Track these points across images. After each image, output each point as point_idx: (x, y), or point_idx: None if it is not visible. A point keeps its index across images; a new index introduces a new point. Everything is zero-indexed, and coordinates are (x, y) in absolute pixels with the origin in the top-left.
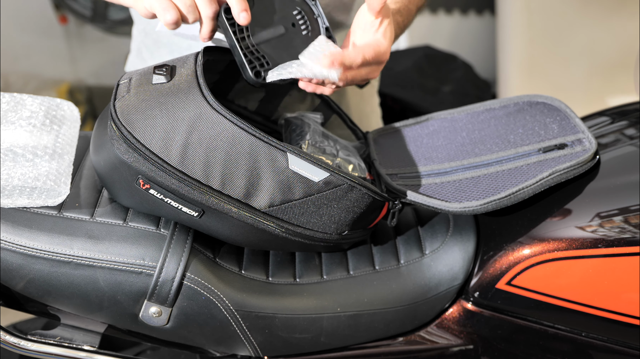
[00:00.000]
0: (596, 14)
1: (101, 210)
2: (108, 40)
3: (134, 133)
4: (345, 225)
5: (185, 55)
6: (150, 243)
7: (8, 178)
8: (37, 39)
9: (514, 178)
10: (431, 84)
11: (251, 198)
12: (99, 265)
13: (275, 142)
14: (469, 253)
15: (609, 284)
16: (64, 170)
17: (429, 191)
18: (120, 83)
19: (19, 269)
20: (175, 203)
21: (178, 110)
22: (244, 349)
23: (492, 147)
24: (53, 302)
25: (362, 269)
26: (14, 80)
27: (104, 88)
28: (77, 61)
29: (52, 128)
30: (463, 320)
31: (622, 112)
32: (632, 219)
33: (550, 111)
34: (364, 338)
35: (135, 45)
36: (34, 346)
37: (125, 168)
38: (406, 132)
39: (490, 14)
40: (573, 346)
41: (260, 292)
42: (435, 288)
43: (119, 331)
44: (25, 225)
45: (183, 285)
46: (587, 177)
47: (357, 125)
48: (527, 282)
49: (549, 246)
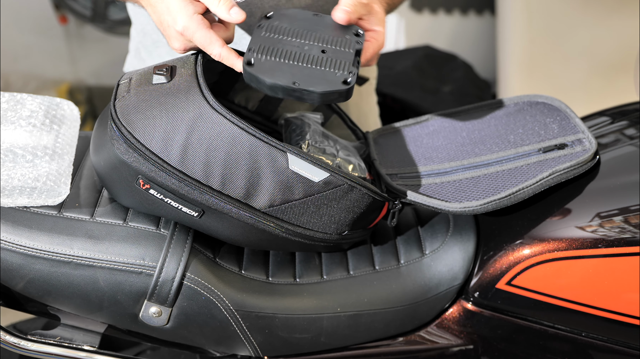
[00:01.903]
0: (596, 14)
1: (101, 210)
2: (108, 40)
3: (134, 133)
4: (345, 225)
5: (185, 56)
6: (150, 243)
7: (8, 178)
8: (37, 39)
9: (514, 178)
10: (431, 84)
11: (251, 198)
12: (99, 265)
13: (275, 142)
14: (469, 253)
15: (609, 284)
16: (64, 171)
17: (429, 192)
18: (121, 84)
19: (19, 269)
20: (175, 203)
21: (178, 110)
22: (244, 349)
23: (492, 147)
24: (53, 302)
25: (362, 269)
26: (14, 80)
27: (104, 88)
28: (77, 61)
29: (52, 128)
30: (463, 320)
31: (622, 112)
32: (632, 219)
33: (550, 111)
34: (364, 338)
35: (134, 46)
36: (34, 346)
37: (125, 168)
38: (406, 132)
39: (490, 14)
40: (573, 346)
41: (260, 292)
42: (435, 288)
43: (119, 331)
44: (25, 225)
45: (183, 285)
46: (587, 177)
47: (357, 125)
48: (527, 282)
49: (549, 246)
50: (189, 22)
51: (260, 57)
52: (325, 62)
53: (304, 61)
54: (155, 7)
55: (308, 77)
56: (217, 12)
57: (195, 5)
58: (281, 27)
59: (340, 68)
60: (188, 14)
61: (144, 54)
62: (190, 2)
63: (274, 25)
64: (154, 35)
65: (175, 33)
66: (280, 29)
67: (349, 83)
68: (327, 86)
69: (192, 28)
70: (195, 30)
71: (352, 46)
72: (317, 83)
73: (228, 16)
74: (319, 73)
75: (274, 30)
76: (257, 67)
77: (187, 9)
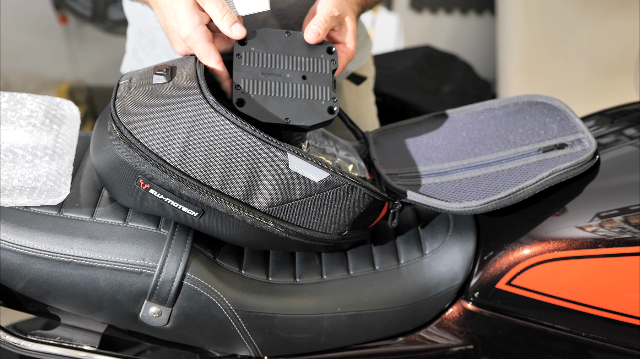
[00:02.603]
0: (596, 14)
1: (101, 210)
2: (108, 40)
3: (134, 133)
4: (345, 225)
5: (185, 56)
6: (150, 243)
7: (8, 179)
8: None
9: (513, 178)
10: (431, 84)
11: (251, 198)
12: (99, 265)
13: (275, 142)
14: (469, 253)
15: (609, 284)
16: (64, 171)
17: (429, 191)
18: (121, 84)
19: (19, 269)
20: (175, 203)
21: (178, 110)
22: (244, 349)
23: (492, 146)
24: (53, 302)
25: (362, 269)
26: (14, 80)
27: (104, 88)
28: (77, 61)
29: (52, 128)
30: (463, 320)
31: (622, 112)
32: (632, 219)
33: (550, 111)
34: (364, 338)
35: (131, 46)
36: (34, 346)
37: (125, 168)
38: (406, 132)
39: (490, 14)
40: (573, 346)
41: (260, 292)
42: (435, 288)
43: (119, 331)
44: (25, 225)
45: (183, 285)
46: (587, 177)
47: (356, 125)
48: (527, 282)
49: (549, 246)
50: (193, 32)
51: (249, 92)
52: (308, 91)
53: (289, 93)
54: (163, 10)
55: (297, 111)
56: (220, 26)
57: (202, 15)
58: (259, 56)
59: (323, 95)
60: (193, 25)
61: (141, 54)
62: (197, 12)
63: (251, 53)
64: (150, 35)
65: (178, 39)
66: (258, 57)
67: (334, 112)
68: (316, 118)
69: (194, 38)
70: (196, 41)
71: (327, 67)
72: (307, 117)
73: (229, 32)
74: (305, 105)
75: (254, 60)
76: (248, 107)
77: (193, 19)
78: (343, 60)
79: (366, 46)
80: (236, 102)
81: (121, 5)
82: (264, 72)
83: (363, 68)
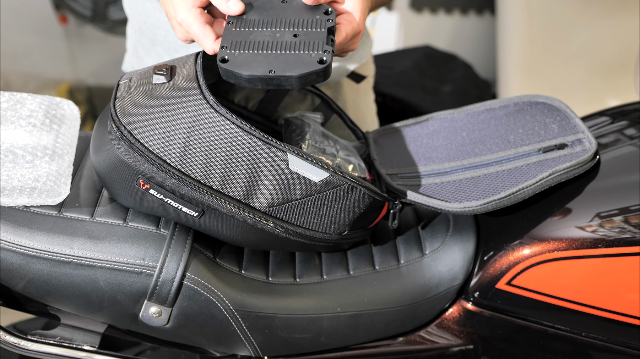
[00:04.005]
0: (596, 14)
1: (101, 210)
2: (108, 40)
3: (134, 133)
4: (345, 225)
5: (185, 56)
6: (150, 243)
7: (8, 179)
8: (37, 39)
9: (514, 178)
10: (431, 84)
11: (251, 198)
12: (99, 265)
13: (275, 142)
14: (469, 253)
15: (609, 284)
16: (64, 171)
17: (429, 191)
18: (120, 84)
19: (19, 269)
20: (175, 203)
21: (178, 110)
22: (244, 349)
23: (492, 147)
24: (53, 302)
25: (362, 269)
26: (14, 80)
27: (104, 88)
28: (77, 61)
29: (52, 128)
30: (463, 320)
31: (622, 112)
32: (632, 219)
33: (550, 111)
34: (364, 338)
35: (131, 44)
36: (34, 346)
37: (125, 168)
38: (406, 132)
39: (490, 14)
40: (573, 346)
41: (260, 292)
42: (435, 288)
43: (119, 331)
44: (25, 225)
45: (183, 285)
46: (587, 177)
47: (357, 125)
48: (527, 282)
49: (549, 246)
50: (187, 14)
51: (234, 52)
52: (298, 46)
53: (277, 48)
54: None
55: (284, 63)
56: (216, 3)
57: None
58: (250, 20)
59: (314, 48)
60: (187, 7)
61: (142, 52)
62: None
63: (243, 19)
64: (150, 33)
65: (176, 24)
66: (249, 21)
67: (325, 62)
68: (303, 68)
69: (189, 21)
70: (191, 23)
71: (322, 25)
72: (294, 67)
73: (226, 8)
74: (293, 57)
75: (244, 24)
76: (231, 63)
77: (187, 2)
78: (348, 28)
79: (366, 44)
80: (220, 60)
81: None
82: (253, 33)
83: (363, 66)
